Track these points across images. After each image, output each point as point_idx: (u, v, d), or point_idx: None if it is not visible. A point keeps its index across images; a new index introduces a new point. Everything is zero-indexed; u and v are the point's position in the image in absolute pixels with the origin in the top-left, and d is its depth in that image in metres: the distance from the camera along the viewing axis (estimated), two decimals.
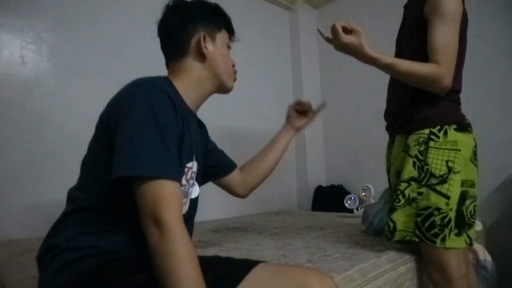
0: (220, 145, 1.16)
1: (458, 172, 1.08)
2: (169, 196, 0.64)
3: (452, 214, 1.07)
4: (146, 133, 0.67)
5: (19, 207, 1.62)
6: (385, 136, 1.37)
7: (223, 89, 0.93)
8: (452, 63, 1.06)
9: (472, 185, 1.11)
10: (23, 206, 1.63)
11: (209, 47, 0.88)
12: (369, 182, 2.45)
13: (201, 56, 0.87)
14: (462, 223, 1.07)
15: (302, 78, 2.99)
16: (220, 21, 0.92)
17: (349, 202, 2.49)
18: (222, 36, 0.92)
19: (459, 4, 1.07)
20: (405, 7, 1.27)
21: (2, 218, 1.58)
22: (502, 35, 2.07)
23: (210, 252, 1.24)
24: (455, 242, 1.07)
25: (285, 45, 3.07)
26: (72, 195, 0.79)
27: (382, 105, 1.34)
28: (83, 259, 0.69)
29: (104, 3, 1.98)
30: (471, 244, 1.09)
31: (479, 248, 1.46)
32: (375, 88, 1.24)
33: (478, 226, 1.60)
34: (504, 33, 2.06)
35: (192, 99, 0.87)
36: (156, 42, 0.92)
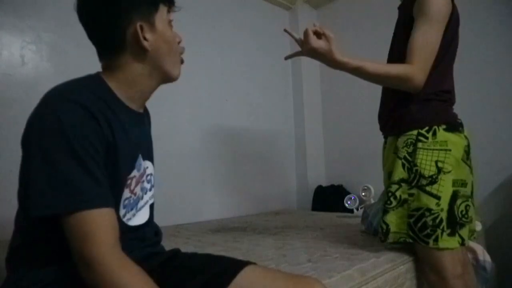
0: (219, 145, 1.16)
1: (449, 172, 1.08)
2: (94, 228, 0.58)
3: (444, 215, 1.06)
4: (58, 161, 0.59)
5: None
6: None
7: (168, 80, 0.79)
8: (427, 63, 1.06)
9: (464, 184, 1.10)
10: None
11: (149, 37, 0.71)
12: (369, 182, 2.45)
13: (141, 50, 0.71)
14: (454, 223, 1.07)
15: (302, 78, 2.99)
16: None
17: (349, 202, 2.49)
18: (160, 15, 0.73)
19: (446, 6, 1.06)
20: (399, 8, 1.27)
21: (2, 218, 1.58)
22: (501, 35, 2.06)
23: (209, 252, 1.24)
24: (448, 242, 1.06)
25: (285, 45, 3.07)
26: (18, 225, 0.73)
27: None
28: None
29: None
30: (463, 244, 1.09)
31: (478, 248, 1.46)
32: (375, 88, 1.25)
33: (478, 226, 1.60)
34: (503, 32, 2.06)
35: (131, 96, 0.74)
36: None
